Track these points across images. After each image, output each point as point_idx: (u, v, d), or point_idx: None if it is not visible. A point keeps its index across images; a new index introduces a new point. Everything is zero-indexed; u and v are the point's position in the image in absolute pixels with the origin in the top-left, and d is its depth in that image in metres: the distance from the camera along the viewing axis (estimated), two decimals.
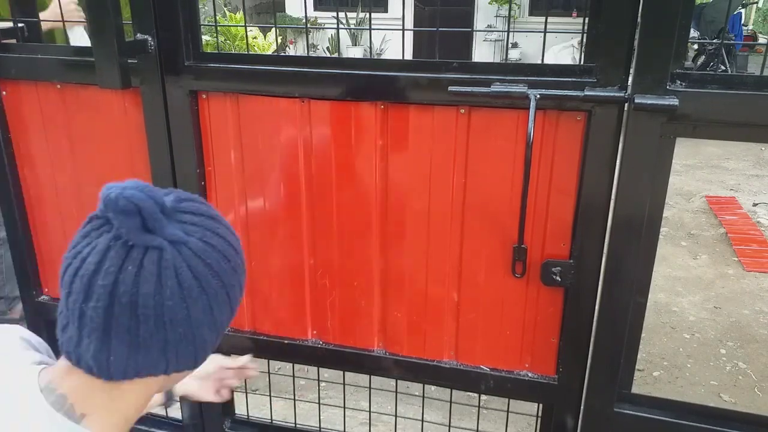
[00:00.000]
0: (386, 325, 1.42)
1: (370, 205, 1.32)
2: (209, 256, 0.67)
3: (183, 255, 0.65)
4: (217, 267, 0.68)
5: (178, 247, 0.65)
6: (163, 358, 0.66)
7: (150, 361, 0.66)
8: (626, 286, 1.19)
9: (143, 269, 0.63)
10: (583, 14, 1.15)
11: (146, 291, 0.63)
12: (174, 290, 0.64)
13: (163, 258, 0.64)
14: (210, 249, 0.68)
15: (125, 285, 0.62)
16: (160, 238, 0.64)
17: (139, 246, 0.63)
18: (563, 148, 1.17)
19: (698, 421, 1.26)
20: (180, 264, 0.65)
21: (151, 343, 0.65)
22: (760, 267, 3.91)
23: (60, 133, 1.48)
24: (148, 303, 0.63)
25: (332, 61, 1.28)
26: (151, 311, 0.63)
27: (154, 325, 0.64)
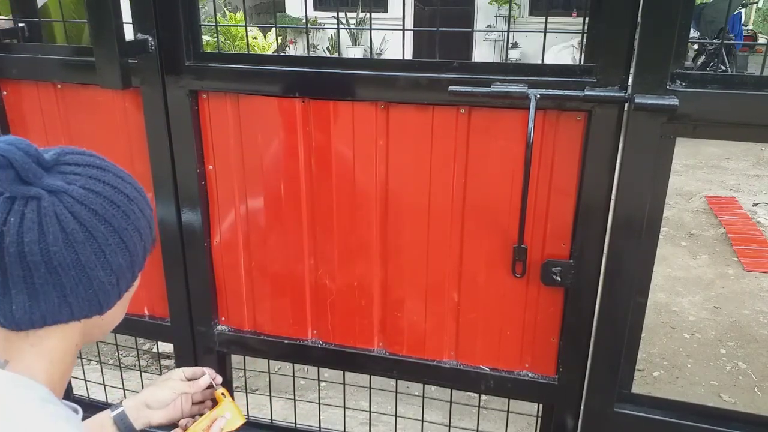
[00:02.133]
0: (386, 325, 1.42)
1: (370, 204, 1.32)
2: (92, 202, 0.69)
3: (63, 202, 0.67)
4: (103, 212, 0.70)
5: (59, 195, 0.67)
6: (65, 303, 0.69)
7: (52, 308, 0.69)
8: (626, 286, 1.19)
9: (24, 218, 0.65)
10: (583, 14, 1.15)
11: (30, 239, 0.65)
12: (57, 236, 0.66)
13: (41, 206, 0.66)
14: (93, 195, 0.70)
15: (10, 236, 0.65)
16: (37, 188, 0.66)
17: (20, 198, 0.66)
18: (563, 148, 1.17)
19: (698, 421, 1.26)
20: (61, 211, 0.67)
21: (48, 289, 0.67)
22: (760, 267, 3.91)
23: (60, 132, 1.48)
24: (34, 250, 0.65)
25: (332, 61, 1.28)
26: (38, 257, 0.66)
27: (45, 270, 0.66)
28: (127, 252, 0.73)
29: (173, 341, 1.58)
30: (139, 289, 0.89)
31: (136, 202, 0.75)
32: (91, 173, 0.72)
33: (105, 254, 0.70)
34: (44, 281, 0.67)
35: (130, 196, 0.74)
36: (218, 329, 1.53)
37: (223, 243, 1.46)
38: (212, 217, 1.44)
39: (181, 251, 1.45)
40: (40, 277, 0.67)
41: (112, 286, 0.72)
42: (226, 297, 1.51)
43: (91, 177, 0.71)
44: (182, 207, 1.41)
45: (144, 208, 0.77)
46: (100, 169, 0.73)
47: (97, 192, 0.70)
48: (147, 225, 0.78)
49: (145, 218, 0.77)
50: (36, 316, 0.69)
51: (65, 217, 0.67)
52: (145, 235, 0.77)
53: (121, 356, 2.59)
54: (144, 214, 0.77)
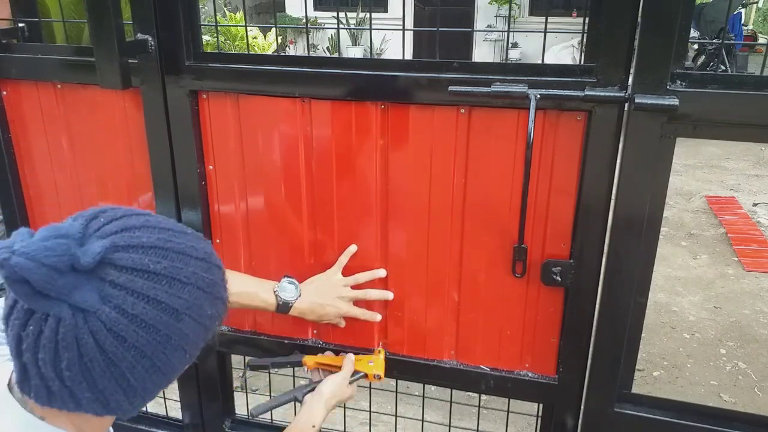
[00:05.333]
0: (386, 324, 1.42)
1: (370, 204, 1.32)
2: (124, 329, 0.60)
3: (89, 325, 0.59)
4: (135, 340, 0.61)
5: (85, 316, 0.58)
6: (82, 409, 0.64)
7: (69, 407, 0.64)
8: (626, 286, 1.19)
9: (42, 335, 0.59)
10: (583, 14, 1.15)
11: (44, 357, 0.59)
12: (72, 362, 0.59)
13: (59, 328, 0.58)
14: (127, 321, 0.60)
15: (27, 343, 0.60)
16: (62, 305, 0.58)
17: (40, 312, 0.59)
18: (563, 148, 1.17)
19: (698, 421, 1.26)
20: (82, 336, 0.59)
21: (63, 396, 0.63)
22: (760, 267, 3.91)
23: (60, 132, 1.48)
24: (48, 368, 0.60)
25: (332, 61, 1.28)
26: (51, 374, 0.60)
27: (59, 385, 0.61)
28: (159, 374, 0.65)
29: None
30: None
31: (190, 312, 0.65)
32: (136, 286, 0.61)
33: (128, 381, 0.63)
34: (60, 390, 0.62)
35: (180, 309, 0.64)
36: (218, 329, 1.53)
37: (223, 243, 1.46)
38: (212, 217, 1.44)
39: None
40: (55, 386, 0.61)
41: (133, 406, 0.66)
42: None
43: (134, 292, 0.60)
44: (182, 207, 1.41)
45: (203, 312, 0.66)
46: (151, 276, 0.62)
47: (133, 315, 0.60)
48: (202, 330, 0.67)
49: (199, 326, 0.66)
50: (54, 406, 0.65)
51: (86, 343, 0.59)
52: (196, 345, 0.68)
53: None
54: (200, 322, 0.66)
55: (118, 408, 0.65)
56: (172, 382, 0.70)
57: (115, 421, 0.76)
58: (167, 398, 1.76)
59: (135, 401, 0.66)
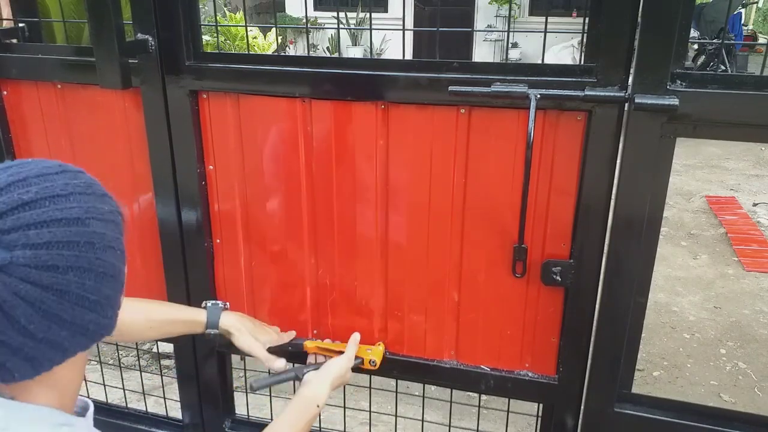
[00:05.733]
0: (387, 324, 1.42)
1: (370, 204, 1.32)
2: (48, 258, 0.59)
3: (16, 275, 0.58)
4: (64, 262, 0.60)
5: (6, 270, 0.58)
6: (65, 353, 0.65)
7: (57, 360, 0.65)
8: (626, 286, 1.19)
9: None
10: (583, 14, 1.15)
11: (1, 328, 0.58)
12: (28, 313, 0.59)
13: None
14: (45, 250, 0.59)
15: None
16: None
17: None
18: (563, 148, 1.17)
19: (698, 421, 1.26)
20: (18, 286, 0.58)
21: (45, 352, 0.63)
22: (760, 267, 3.91)
23: (60, 132, 1.48)
24: (11, 335, 0.59)
25: (332, 61, 1.28)
26: (20, 338, 0.60)
27: (33, 343, 0.61)
28: (108, 278, 0.66)
29: (173, 341, 1.58)
30: (140, 289, 0.89)
31: (90, 214, 0.64)
32: (25, 220, 0.59)
33: (88, 298, 0.63)
34: (38, 349, 0.62)
35: (81, 217, 0.63)
36: None
37: (223, 243, 1.46)
38: (212, 217, 1.44)
39: (181, 251, 1.45)
40: (31, 349, 0.61)
41: (108, 317, 0.68)
42: (226, 297, 1.51)
43: (28, 226, 0.59)
44: (182, 207, 1.41)
45: (100, 209, 0.66)
46: (31, 205, 0.60)
47: (46, 243, 0.59)
48: (114, 227, 0.68)
49: (108, 222, 0.67)
50: (43, 369, 0.64)
51: (26, 291, 0.58)
52: (117, 240, 0.68)
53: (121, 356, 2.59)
54: (105, 219, 0.66)
55: (97, 327, 0.66)
56: (124, 283, 0.71)
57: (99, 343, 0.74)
58: (167, 398, 1.76)
59: (106, 312, 0.67)
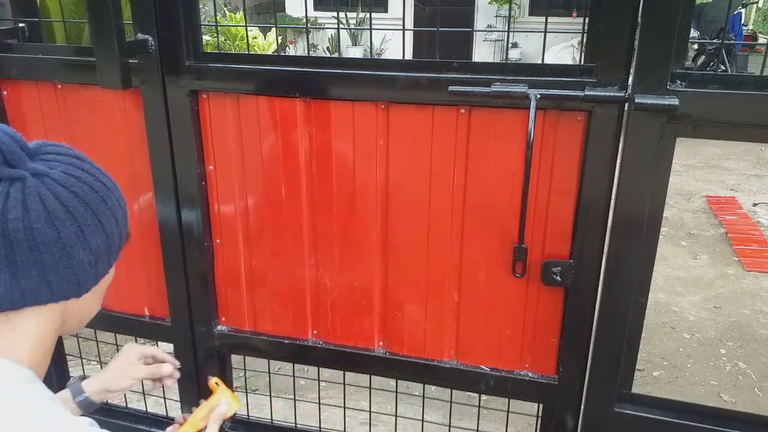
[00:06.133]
0: (386, 324, 1.42)
1: (370, 204, 1.32)
2: (73, 185, 0.74)
3: (46, 184, 0.71)
4: (83, 194, 0.74)
5: (41, 177, 0.71)
6: (45, 282, 0.72)
7: (32, 286, 0.71)
8: (626, 286, 1.19)
9: (9, 197, 0.69)
10: (583, 14, 1.15)
11: (14, 216, 0.68)
12: (40, 213, 0.69)
13: (26, 186, 0.69)
14: (74, 179, 0.74)
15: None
16: (22, 170, 0.70)
17: (5, 179, 0.69)
18: (563, 148, 1.17)
19: (698, 421, 1.26)
20: (44, 191, 0.70)
21: (29, 267, 0.70)
22: (760, 267, 3.91)
23: (60, 132, 1.48)
24: (18, 227, 0.68)
25: (332, 61, 1.28)
26: (21, 234, 0.68)
27: (27, 248, 0.69)
28: (104, 234, 0.77)
29: (173, 341, 1.58)
30: (139, 289, 0.89)
31: (112, 191, 0.80)
32: (70, 161, 0.76)
33: (84, 234, 0.74)
34: (26, 259, 0.70)
35: (107, 185, 0.79)
36: (218, 329, 1.53)
37: (223, 243, 1.46)
38: (212, 217, 1.44)
39: (181, 251, 1.45)
40: (22, 255, 0.69)
41: (90, 266, 0.75)
42: (226, 297, 1.51)
43: (70, 164, 0.76)
44: (182, 207, 1.41)
45: (119, 198, 0.82)
46: (79, 159, 0.78)
47: (77, 177, 0.75)
48: (123, 215, 0.82)
49: (120, 208, 0.81)
50: (16, 295, 0.71)
51: (48, 196, 0.71)
52: (122, 223, 0.81)
53: None
54: (120, 205, 0.81)
55: (79, 268, 0.74)
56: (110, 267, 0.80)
57: None
58: (167, 398, 1.76)
59: (90, 259, 0.75)
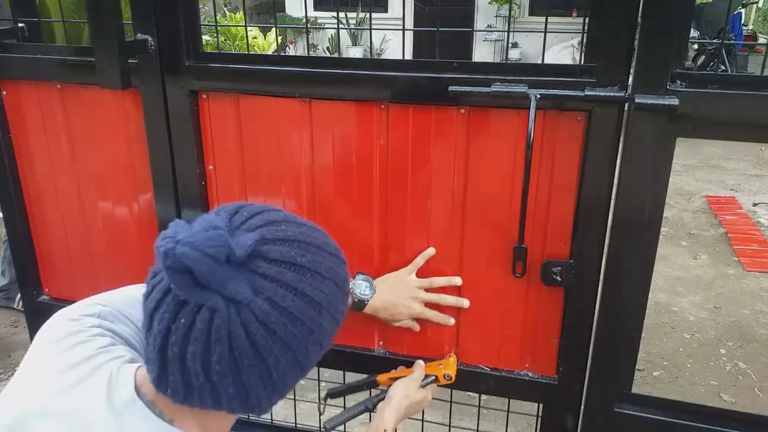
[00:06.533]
0: (387, 324, 1.42)
1: (370, 204, 1.32)
2: (275, 321, 0.61)
3: (242, 317, 0.59)
4: (283, 332, 0.61)
5: (238, 307, 0.59)
6: (220, 406, 0.65)
7: (206, 404, 0.64)
8: (626, 286, 1.19)
9: (194, 327, 0.59)
10: (583, 14, 1.15)
11: (194, 350, 0.59)
12: (223, 355, 0.59)
13: (214, 320, 0.58)
14: (278, 312, 0.61)
15: (176, 336, 0.60)
16: (216, 296, 0.58)
17: (194, 303, 0.59)
18: (563, 147, 1.17)
19: (698, 421, 1.26)
20: (235, 327, 0.59)
21: (203, 393, 0.63)
22: (760, 267, 3.91)
23: (60, 132, 1.48)
24: (196, 361, 0.60)
25: (332, 61, 1.28)
26: (198, 368, 0.60)
27: (204, 378, 0.61)
28: (299, 369, 0.66)
29: None
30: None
31: (329, 307, 0.66)
32: (286, 278, 0.62)
33: (272, 376, 0.63)
34: (201, 385, 0.62)
35: (322, 303, 0.65)
36: None
37: None
38: None
39: None
40: (197, 382, 0.62)
41: (271, 402, 0.67)
42: None
43: (283, 284, 0.61)
44: (182, 207, 1.41)
45: (338, 308, 0.68)
46: (298, 269, 0.63)
47: (283, 307, 0.61)
48: (335, 325, 0.69)
49: (334, 322, 0.68)
50: (190, 403, 0.65)
51: (238, 335, 0.59)
52: (329, 339, 0.68)
53: None
54: (335, 317, 0.68)
55: (257, 404, 0.66)
56: (305, 375, 0.70)
57: None
58: None
59: (274, 397, 0.66)
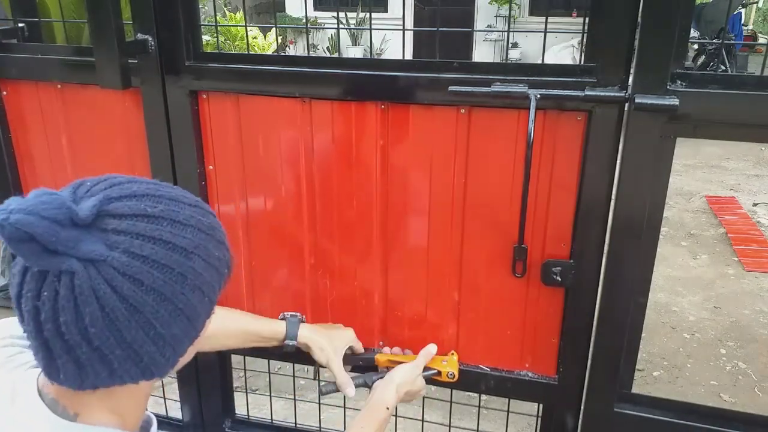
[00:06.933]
0: (387, 324, 1.42)
1: (370, 204, 1.32)
2: (138, 271, 0.59)
3: (103, 274, 0.58)
4: (151, 281, 0.60)
5: (96, 266, 0.58)
6: (116, 375, 0.62)
7: (103, 379, 0.62)
8: (626, 286, 1.19)
9: (59, 296, 0.57)
10: (583, 14, 1.15)
11: (66, 319, 0.57)
12: (95, 315, 0.58)
13: (75, 282, 0.57)
14: (139, 262, 0.59)
15: (45, 312, 0.58)
16: (70, 259, 0.57)
17: (52, 272, 0.57)
18: (563, 148, 1.17)
19: (698, 421, 1.26)
20: (99, 286, 0.57)
21: (94, 364, 0.60)
22: (760, 267, 3.91)
23: (60, 132, 1.48)
24: (72, 330, 0.58)
25: (333, 61, 1.28)
26: (78, 337, 0.58)
27: (87, 348, 0.59)
28: (183, 318, 0.63)
29: None
30: None
31: (197, 252, 0.64)
32: (138, 229, 0.60)
33: (155, 328, 0.61)
34: (88, 357, 0.60)
35: (188, 248, 0.63)
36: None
37: None
38: None
39: None
40: (83, 354, 0.60)
41: (166, 358, 0.64)
42: (226, 297, 1.51)
43: (138, 235, 0.60)
44: None
45: (210, 253, 0.66)
46: (151, 219, 0.62)
47: (144, 256, 0.60)
48: (214, 272, 0.67)
49: (210, 267, 0.66)
50: (87, 384, 0.63)
51: (104, 293, 0.58)
52: (210, 286, 0.67)
53: None
54: (209, 262, 0.66)
55: (151, 363, 0.63)
56: (200, 335, 0.68)
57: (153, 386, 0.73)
58: (167, 398, 1.76)
59: (166, 352, 0.64)
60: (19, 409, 0.69)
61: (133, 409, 0.72)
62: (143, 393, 0.72)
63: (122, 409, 0.69)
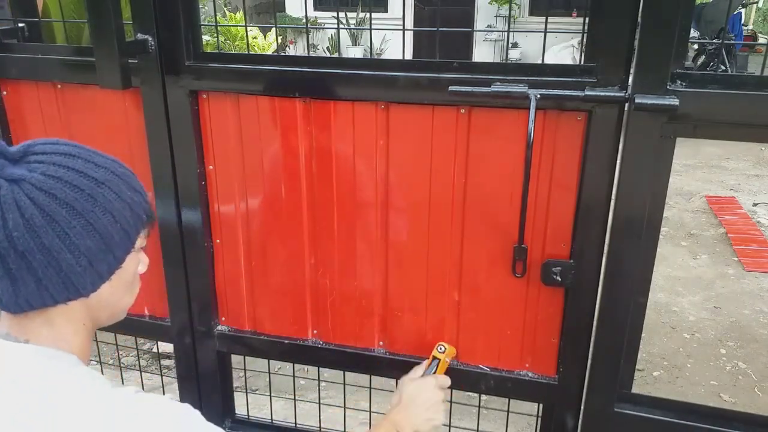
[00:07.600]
0: (387, 324, 1.42)
1: (370, 204, 1.32)
2: (52, 187, 0.71)
3: (23, 189, 0.70)
4: (63, 196, 0.71)
5: (18, 183, 0.70)
6: (42, 287, 0.72)
7: (32, 292, 0.72)
8: (626, 286, 1.19)
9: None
10: (583, 14, 1.15)
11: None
12: (17, 221, 0.69)
13: (1, 195, 0.69)
14: (53, 181, 0.72)
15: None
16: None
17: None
18: (563, 148, 1.17)
19: (698, 421, 1.26)
20: (20, 197, 0.69)
21: (23, 274, 0.71)
22: (760, 267, 3.91)
23: (60, 132, 1.48)
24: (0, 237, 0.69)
25: (332, 61, 1.28)
26: (6, 244, 0.69)
27: (15, 256, 0.70)
28: (96, 234, 0.74)
29: (173, 341, 1.58)
30: (139, 289, 0.89)
31: (108, 184, 0.76)
32: (55, 160, 0.74)
33: (69, 237, 0.72)
34: (17, 266, 0.70)
35: (99, 179, 0.76)
36: (218, 329, 1.53)
37: (223, 243, 1.46)
38: (212, 218, 1.44)
39: (181, 251, 1.45)
40: (13, 263, 0.70)
41: (83, 269, 0.74)
42: (226, 297, 1.51)
43: (54, 164, 0.73)
44: (182, 207, 1.41)
45: (122, 190, 0.78)
46: (67, 156, 0.75)
47: (57, 177, 0.72)
48: (126, 207, 0.78)
49: (121, 200, 0.77)
50: (21, 300, 0.72)
51: (24, 203, 0.69)
52: (123, 216, 0.77)
53: (121, 356, 2.59)
54: (121, 197, 0.77)
55: (70, 271, 0.72)
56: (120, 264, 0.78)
57: None
58: None
59: (81, 261, 0.73)
60: None
61: (78, 342, 0.79)
62: (79, 321, 0.79)
63: (67, 339, 0.77)
